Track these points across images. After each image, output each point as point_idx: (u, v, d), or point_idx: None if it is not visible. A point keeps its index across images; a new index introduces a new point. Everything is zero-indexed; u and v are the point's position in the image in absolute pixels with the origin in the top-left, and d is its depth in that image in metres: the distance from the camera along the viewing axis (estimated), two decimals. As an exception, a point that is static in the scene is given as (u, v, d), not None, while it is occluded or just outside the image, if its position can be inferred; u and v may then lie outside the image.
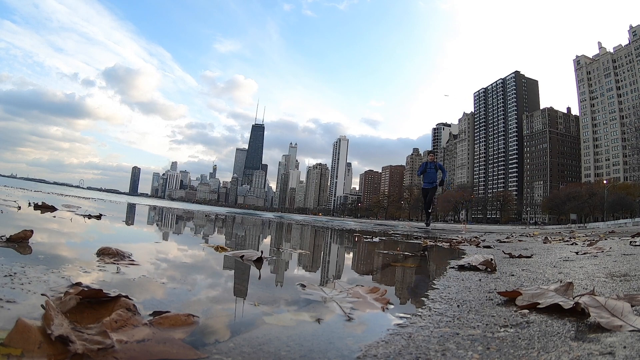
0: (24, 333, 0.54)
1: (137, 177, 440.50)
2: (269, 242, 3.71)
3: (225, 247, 2.14)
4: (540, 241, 5.72)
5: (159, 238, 2.93)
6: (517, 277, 1.79)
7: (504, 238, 6.90)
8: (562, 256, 2.87)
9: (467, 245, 4.70)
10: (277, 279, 1.57)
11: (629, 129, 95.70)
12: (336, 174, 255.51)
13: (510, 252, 3.06)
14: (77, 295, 0.74)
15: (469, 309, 1.09)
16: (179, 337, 0.68)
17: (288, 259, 2.22)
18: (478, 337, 0.81)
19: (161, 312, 0.78)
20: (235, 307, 1.01)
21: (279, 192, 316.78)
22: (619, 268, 1.93)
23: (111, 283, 1.08)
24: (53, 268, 1.14)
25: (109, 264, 1.32)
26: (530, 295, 1.08)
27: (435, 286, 1.51)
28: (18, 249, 1.40)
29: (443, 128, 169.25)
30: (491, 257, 2.13)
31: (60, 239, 2.02)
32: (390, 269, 2.18)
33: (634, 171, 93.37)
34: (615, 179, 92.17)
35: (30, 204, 3.99)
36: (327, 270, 2.07)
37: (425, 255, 3.20)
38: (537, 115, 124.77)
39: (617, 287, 1.39)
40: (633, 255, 2.57)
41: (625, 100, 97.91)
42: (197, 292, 1.11)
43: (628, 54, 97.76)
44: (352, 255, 3.11)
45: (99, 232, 2.67)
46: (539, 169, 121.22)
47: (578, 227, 39.26)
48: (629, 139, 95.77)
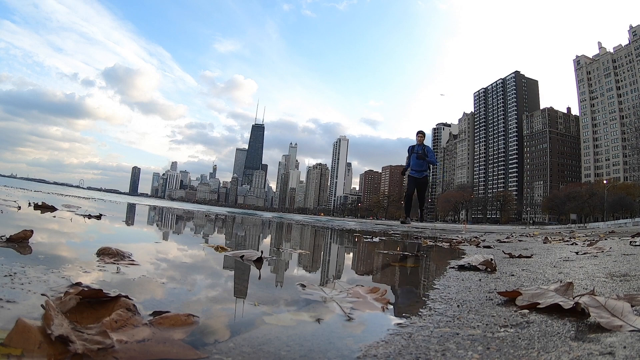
0: (24, 333, 0.54)
1: (137, 177, 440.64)
2: (269, 242, 3.71)
3: (225, 247, 2.14)
4: (540, 241, 5.72)
5: (159, 238, 2.93)
6: (517, 277, 1.79)
7: (504, 238, 6.90)
8: (562, 256, 2.87)
9: (467, 245, 4.71)
10: (277, 279, 1.57)
11: (629, 129, 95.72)
12: (336, 174, 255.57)
13: (510, 252, 3.06)
14: (77, 295, 0.74)
15: (469, 309, 1.09)
16: (179, 337, 0.68)
17: (288, 259, 2.22)
18: (478, 337, 0.81)
19: (161, 312, 0.78)
20: (235, 307, 1.01)
21: (279, 192, 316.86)
22: (619, 268, 1.93)
23: (111, 283, 1.08)
24: (53, 268, 1.14)
25: (109, 264, 1.32)
26: (530, 295, 1.08)
27: (435, 286, 1.51)
28: (18, 249, 1.40)
29: (443, 128, 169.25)
30: (491, 257, 2.13)
31: (60, 239, 2.02)
32: (390, 268, 2.18)
33: (634, 171, 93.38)
34: (615, 179, 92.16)
35: (30, 204, 3.99)
36: (327, 270, 2.07)
37: (425, 255, 3.20)
38: (537, 115, 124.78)
39: (617, 287, 1.39)
40: (633, 255, 2.57)
41: (625, 100, 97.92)
42: (197, 292, 1.11)
43: (628, 54, 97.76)
44: (352, 255, 3.11)
45: (99, 232, 2.67)
46: (539, 169, 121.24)
47: (578, 227, 39.26)
48: (629, 139, 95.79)
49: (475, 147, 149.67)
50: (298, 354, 0.69)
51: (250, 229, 5.25)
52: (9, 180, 48.22)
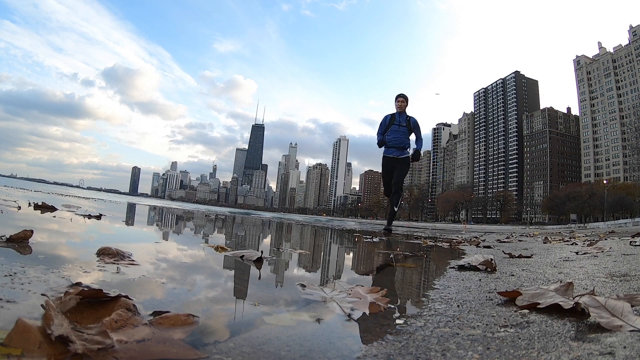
0: (24, 333, 0.54)
1: (137, 177, 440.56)
2: (269, 242, 3.71)
3: (225, 247, 2.14)
4: (540, 241, 5.72)
5: (159, 238, 2.93)
6: (517, 277, 1.79)
7: (504, 238, 6.90)
8: (562, 256, 2.87)
9: (467, 245, 4.71)
10: (277, 279, 1.57)
11: (629, 129, 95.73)
12: (336, 174, 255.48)
13: (510, 252, 3.06)
14: (77, 295, 0.74)
15: (469, 309, 1.09)
16: (178, 337, 0.68)
17: (288, 259, 2.22)
18: (478, 337, 0.81)
19: (161, 312, 0.78)
20: (235, 307, 1.01)
21: (279, 192, 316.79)
22: (619, 268, 1.93)
23: (111, 283, 1.08)
24: (53, 268, 1.14)
25: (109, 264, 1.32)
26: (530, 295, 1.08)
27: (435, 286, 1.51)
28: (18, 249, 1.40)
29: (443, 128, 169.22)
30: (491, 257, 2.13)
31: (60, 239, 2.02)
32: (390, 269, 2.18)
33: (634, 171, 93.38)
34: (615, 179, 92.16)
35: (30, 204, 3.99)
36: (327, 271, 2.07)
37: (425, 255, 3.20)
38: (537, 115, 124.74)
39: (617, 287, 1.39)
40: (633, 255, 2.57)
41: (625, 100, 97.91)
42: (197, 292, 1.11)
43: (628, 54, 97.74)
44: (352, 255, 3.11)
45: (99, 232, 2.67)
46: (539, 169, 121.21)
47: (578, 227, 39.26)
48: (629, 139, 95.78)
49: (475, 147, 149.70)
50: (298, 354, 0.69)
51: (250, 229, 5.25)
52: (9, 180, 48.22)
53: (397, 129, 6.02)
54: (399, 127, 6.01)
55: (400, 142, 6.01)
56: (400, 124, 6.02)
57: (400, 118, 6.04)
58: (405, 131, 6.02)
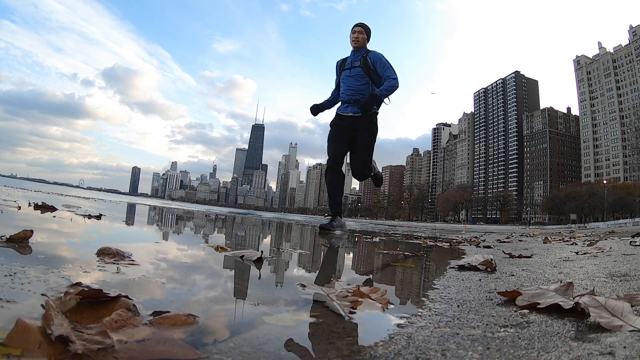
0: (24, 333, 0.54)
1: (137, 177, 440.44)
2: (269, 242, 3.71)
3: (225, 247, 2.14)
4: (540, 241, 5.72)
5: (158, 238, 2.92)
6: (517, 277, 1.79)
7: (504, 238, 6.90)
8: (562, 256, 2.87)
9: (467, 245, 4.70)
10: (277, 279, 1.57)
11: (629, 129, 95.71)
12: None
13: (510, 252, 3.05)
14: (77, 295, 0.74)
15: (469, 309, 1.09)
16: (178, 337, 0.68)
17: (288, 258, 2.22)
18: (478, 337, 0.81)
19: (161, 312, 0.78)
20: (235, 307, 1.01)
21: (279, 192, 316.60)
22: (619, 268, 1.93)
23: (111, 283, 1.08)
24: (53, 268, 1.14)
25: (109, 264, 1.31)
26: (530, 295, 1.08)
27: (435, 286, 1.51)
28: (18, 249, 1.40)
29: (443, 128, 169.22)
30: (491, 257, 2.13)
31: (60, 239, 2.02)
32: (390, 269, 2.18)
33: (634, 171, 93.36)
34: (615, 179, 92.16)
35: (30, 204, 3.99)
36: (327, 270, 2.07)
37: (425, 255, 3.20)
38: (537, 115, 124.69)
39: (617, 287, 1.39)
40: (633, 255, 2.57)
41: (625, 100, 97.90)
42: (197, 292, 1.10)
43: (628, 54, 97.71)
44: (352, 255, 3.11)
45: (99, 232, 2.66)
46: (539, 169, 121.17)
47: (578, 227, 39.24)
48: (629, 139, 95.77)
49: (475, 147, 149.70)
50: (298, 354, 0.69)
51: (250, 229, 5.25)
52: (9, 180, 48.18)
53: (348, 73, 4.16)
54: (350, 70, 4.14)
55: (355, 92, 4.06)
56: (352, 65, 4.11)
57: (354, 58, 4.16)
58: (359, 73, 4.08)
